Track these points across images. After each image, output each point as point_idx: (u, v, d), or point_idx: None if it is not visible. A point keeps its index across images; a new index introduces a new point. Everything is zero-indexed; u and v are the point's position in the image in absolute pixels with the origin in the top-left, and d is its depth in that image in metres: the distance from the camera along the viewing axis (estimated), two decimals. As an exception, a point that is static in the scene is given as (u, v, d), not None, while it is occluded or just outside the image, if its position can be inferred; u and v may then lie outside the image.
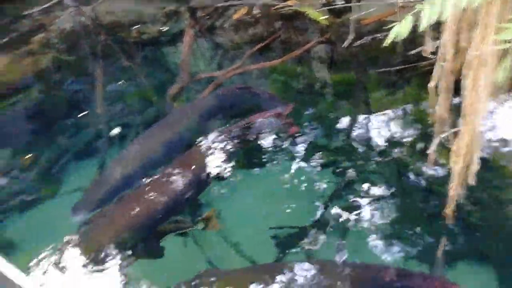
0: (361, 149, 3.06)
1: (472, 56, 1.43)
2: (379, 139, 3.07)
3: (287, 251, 2.50)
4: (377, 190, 2.74)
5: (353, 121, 3.27)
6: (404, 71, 3.36)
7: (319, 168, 2.96)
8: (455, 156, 1.86)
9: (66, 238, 2.48)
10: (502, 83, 1.70)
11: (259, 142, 3.18)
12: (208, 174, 2.91)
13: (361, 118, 3.28)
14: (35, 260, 2.38)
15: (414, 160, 2.85)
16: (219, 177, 2.92)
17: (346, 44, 3.64)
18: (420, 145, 2.93)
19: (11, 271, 1.63)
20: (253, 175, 3.01)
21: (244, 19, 4.35)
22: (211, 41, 4.44)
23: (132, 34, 4.60)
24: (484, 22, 1.38)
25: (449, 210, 2.19)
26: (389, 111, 3.22)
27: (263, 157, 3.10)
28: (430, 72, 2.21)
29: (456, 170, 1.92)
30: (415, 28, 1.52)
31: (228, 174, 2.94)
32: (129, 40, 4.56)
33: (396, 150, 2.95)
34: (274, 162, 3.05)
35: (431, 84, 1.86)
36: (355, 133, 3.17)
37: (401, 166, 2.86)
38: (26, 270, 2.29)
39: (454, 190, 2.04)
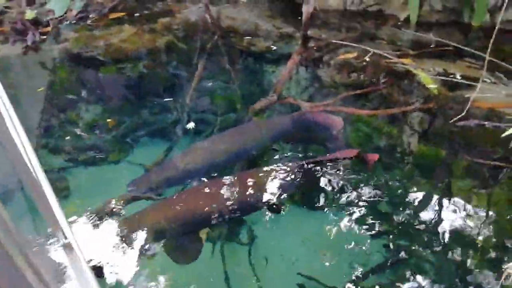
0: (424, 232, 2.78)
1: None
2: (447, 230, 2.76)
3: (307, 304, 2.36)
4: (426, 283, 2.46)
5: (426, 200, 3.00)
6: (501, 170, 3.01)
7: (372, 234, 2.75)
8: None
9: (112, 203, 2.62)
10: None
11: (321, 185, 3.07)
12: (262, 198, 2.87)
13: (435, 200, 3.00)
14: (79, 211, 2.54)
15: (480, 268, 2.51)
16: (270, 205, 2.87)
17: (455, 120, 3.36)
18: (492, 255, 2.57)
19: (61, 217, 1.73)
20: (302, 216, 2.91)
21: (351, 61, 4.30)
22: (312, 73, 4.45)
23: (242, 42, 4.82)
24: None
25: None
26: (469, 205, 2.90)
27: (319, 201, 2.98)
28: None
29: None
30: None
31: (280, 205, 2.88)
32: (238, 47, 4.77)
33: (463, 250, 2.62)
34: (328, 210, 2.91)
35: None
36: (424, 213, 2.90)
37: (462, 269, 2.53)
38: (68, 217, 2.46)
39: None
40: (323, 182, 3.07)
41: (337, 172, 3.12)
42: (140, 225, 2.53)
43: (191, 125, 3.59)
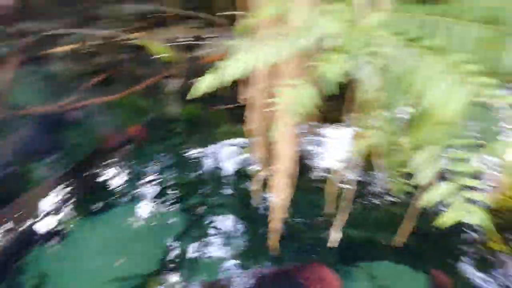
0: (211, 182, 3.06)
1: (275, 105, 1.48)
2: (227, 171, 3.13)
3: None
4: (226, 222, 2.74)
5: (203, 154, 3.28)
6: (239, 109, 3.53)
7: (168, 206, 2.83)
8: (274, 190, 1.93)
9: None
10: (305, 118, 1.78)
11: (104, 185, 2.90)
12: (37, 226, 2.47)
13: (210, 150, 3.31)
14: None
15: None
16: (51, 230, 2.52)
17: (175, 83, 3.62)
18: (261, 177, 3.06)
19: None
20: (95, 222, 2.69)
21: (81, 49, 4.01)
22: (42, 71, 3.93)
23: None
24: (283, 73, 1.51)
25: (273, 241, 2.24)
26: (235, 143, 3.33)
27: (106, 200, 2.82)
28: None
29: (275, 204, 1.99)
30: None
31: (64, 224, 2.59)
32: None
33: (242, 181, 3.01)
34: (119, 204, 2.81)
35: (246, 128, 1.88)
36: (205, 166, 3.17)
37: (247, 196, 2.83)
38: None
39: (275, 223, 2.10)
40: (101, 183, 2.92)
41: (113, 166, 3.02)
42: None
43: None
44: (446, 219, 1.00)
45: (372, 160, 1.52)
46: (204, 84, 1.30)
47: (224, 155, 3.28)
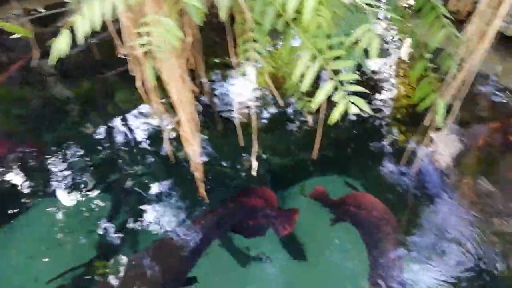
0: (124, 154, 2.93)
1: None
2: (138, 138, 3.02)
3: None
4: (153, 188, 2.70)
5: (107, 128, 3.09)
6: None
7: (88, 191, 2.68)
8: (184, 140, 1.93)
9: None
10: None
11: (7, 191, 2.64)
12: None
13: (113, 123, 3.13)
14: None
15: (177, 148, 2.83)
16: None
17: (34, 63, 3.16)
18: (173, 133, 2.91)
19: None
20: (12, 229, 2.48)
21: None
22: None
23: None
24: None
25: (201, 190, 2.28)
26: (136, 107, 3.18)
27: (17, 205, 2.58)
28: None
29: (190, 153, 2.01)
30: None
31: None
32: None
33: (155, 143, 2.94)
34: (34, 205, 2.59)
35: (137, 84, 1.78)
36: (114, 140, 3.01)
37: (165, 157, 2.78)
38: None
39: (197, 172, 2.14)
40: (2, 190, 2.66)
41: (8, 172, 2.74)
42: None
43: None
44: (335, 114, 1.09)
45: (276, 88, 1.56)
46: (61, 44, 1.18)
47: (129, 122, 3.13)
